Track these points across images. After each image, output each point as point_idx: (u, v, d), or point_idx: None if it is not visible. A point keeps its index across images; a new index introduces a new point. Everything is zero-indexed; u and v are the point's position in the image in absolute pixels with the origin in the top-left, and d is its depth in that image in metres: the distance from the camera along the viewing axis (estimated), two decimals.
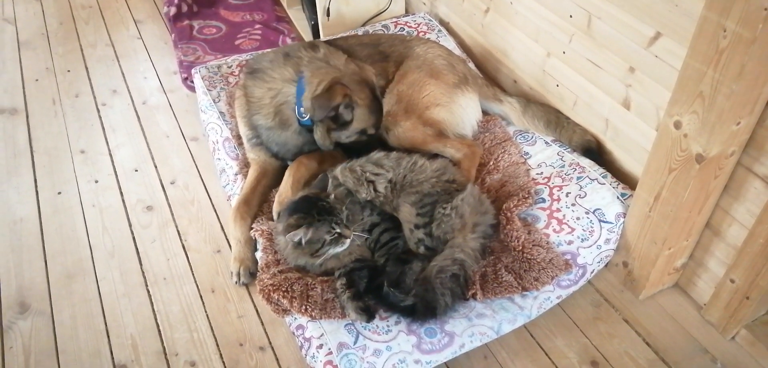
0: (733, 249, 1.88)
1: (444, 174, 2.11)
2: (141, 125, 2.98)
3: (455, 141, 2.40)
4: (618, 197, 2.12)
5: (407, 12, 3.49)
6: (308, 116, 2.17)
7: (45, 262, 2.29)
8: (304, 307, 1.87)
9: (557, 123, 2.46)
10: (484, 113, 2.61)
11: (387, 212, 2.07)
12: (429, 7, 3.36)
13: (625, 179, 2.26)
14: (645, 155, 1.95)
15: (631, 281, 2.10)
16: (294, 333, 1.93)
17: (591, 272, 2.06)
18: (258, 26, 3.67)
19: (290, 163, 2.31)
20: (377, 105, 2.24)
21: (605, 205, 2.11)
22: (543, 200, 2.18)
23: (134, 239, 2.38)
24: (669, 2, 1.86)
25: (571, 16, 2.31)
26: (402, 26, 3.18)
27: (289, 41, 3.53)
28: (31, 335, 2.05)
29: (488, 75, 2.95)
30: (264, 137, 2.33)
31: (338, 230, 1.89)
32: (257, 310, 2.10)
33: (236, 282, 2.17)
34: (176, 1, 3.73)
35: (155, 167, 2.73)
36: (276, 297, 1.92)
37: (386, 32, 3.15)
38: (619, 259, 2.11)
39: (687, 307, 2.08)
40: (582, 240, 2.05)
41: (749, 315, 1.89)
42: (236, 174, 2.43)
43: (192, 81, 2.99)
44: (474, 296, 1.92)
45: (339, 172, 2.12)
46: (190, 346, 2.00)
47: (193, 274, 2.24)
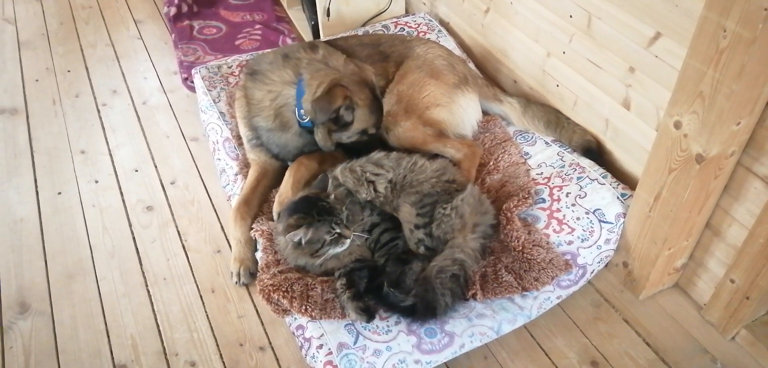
0: (733, 249, 1.88)
1: (444, 174, 2.11)
2: (141, 125, 2.98)
3: (455, 141, 2.40)
4: (618, 197, 2.12)
5: (407, 12, 3.49)
6: (308, 118, 2.17)
7: (45, 262, 2.29)
8: (304, 307, 1.87)
9: (557, 123, 2.46)
10: (484, 113, 2.61)
11: (387, 212, 2.07)
12: (429, 8, 3.36)
13: (625, 179, 2.26)
14: (645, 155, 1.95)
15: (631, 281, 2.10)
16: (294, 333, 1.93)
17: (591, 272, 2.06)
18: (258, 26, 3.67)
19: (291, 164, 2.31)
20: (377, 104, 2.23)
21: (605, 205, 2.11)
22: (543, 200, 2.18)
23: (134, 239, 2.38)
24: (669, 2, 1.86)
25: (571, 16, 2.31)
26: (402, 26, 3.18)
27: (289, 41, 3.53)
28: (31, 335, 2.05)
29: (488, 75, 2.95)
30: (264, 138, 2.33)
31: (338, 230, 1.89)
32: (257, 310, 2.10)
33: (236, 282, 2.17)
34: (176, 2, 3.73)
35: (155, 167, 2.73)
36: (276, 297, 1.92)
37: (386, 32, 3.14)
38: (619, 259, 2.11)
39: (687, 307, 2.08)
40: (582, 240, 2.05)
41: (749, 315, 1.89)
42: (236, 174, 2.43)
43: (192, 81, 2.99)
44: (474, 296, 1.92)
45: (339, 172, 2.12)
46: (190, 346, 2.00)
47: (193, 274, 2.24)
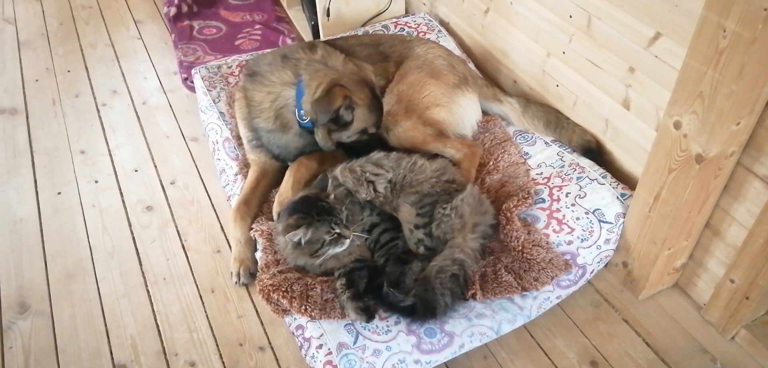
0: (733, 249, 1.88)
1: (444, 174, 2.11)
2: (141, 125, 2.98)
3: (455, 141, 2.40)
4: (618, 197, 2.12)
5: (407, 12, 3.49)
6: (309, 119, 2.17)
7: (45, 262, 2.29)
8: (304, 307, 1.87)
9: (557, 123, 2.46)
10: (484, 113, 2.61)
11: (387, 212, 2.07)
12: (429, 8, 3.36)
13: (625, 179, 2.26)
14: (645, 155, 1.95)
15: (631, 281, 2.10)
16: (294, 333, 1.93)
17: (591, 272, 2.06)
18: (258, 26, 3.67)
19: (291, 164, 2.31)
20: (377, 103, 2.23)
21: (605, 205, 2.11)
22: (543, 200, 2.18)
23: (134, 239, 2.38)
24: (669, 2, 1.86)
25: (571, 17, 2.31)
26: (402, 26, 3.18)
27: (289, 41, 3.53)
28: (31, 335, 2.05)
29: (488, 75, 2.95)
30: (265, 139, 2.33)
31: (338, 230, 1.89)
32: (257, 310, 2.10)
33: (236, 282, 2.17)
34: (176, 2, 3.73)
35: (155, 167, 2.73)
36: (276, 297, 1.92)
37: (386, 32, 3.14)
38: (619, 259, 2.11)
39: (687, 307, 2.08)
40: (582, 240, 2.05)
41: (749, 315, 1.89)
42: (236, 174, 2.43)
43: (192, 81, 2.99)
44: (474, 296, 1.92)
45: (339, 172, 2.12)
46: (190, 346, 2.00)
47: (193, 274, 2.24)
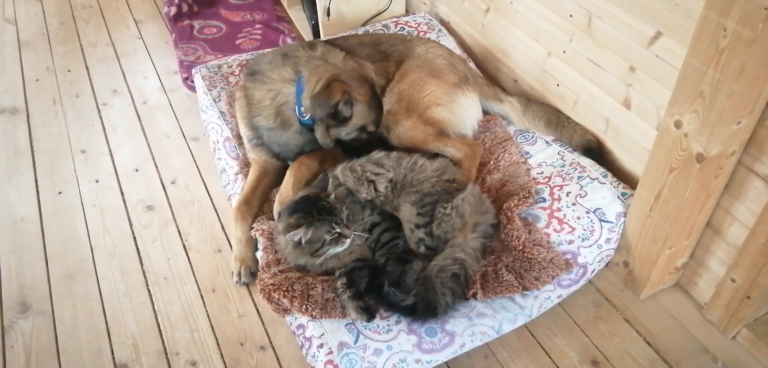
0: (734, 248, 1.88)
1: (444, 173, 2.11)
2: (141, 125, 2.98)
3: (456, 140, 2.40)
4: (618, 196, 2.12)
5: (407, 12, 3.49)
6: (309, 115, 2.17)
7: (46, 262, 2.29)
8: (305, 307, 1.87)
9: (558, 122, 2.46)
10: (485, 113, 2.61)
11: (387, 212, 2.07)
12: (429, 7, 3.36)
13: (626, 178, 2.26)
14: (645, 154, 1.95)
15: (632, 280, 2.10)
16: (294, 332, 1.93)
17: (592, 271, 2.06)
18: (258, 26, 3.67)
19: (291, 163, 2.32)
20: (377, 101, 2.23)
21: (606, 205, 2.11)
22: (543, 199, 2.18)
23: (135, 239, 2.39)
24: (669, 2, 1.86)
25: (572, 16, 2.31)
26: (402, 26, 3.18)
27: (290, 41, 3.53)
28: (32, 334, 2.05)
29: (489, 74, 2.95)
30: (265, 138, 2.33)
31: (338, 230, 1.89)
32: (258, 310, 2.10)
33: (237, 281, 2.17)
34: (177, 1, 3.73)
35: (156, 167, 2.73)
36: (276, 296, 1.92)
37: (386, 32, 3.15)
38: (620, 259, 2.11)
39: (688, 307, 2.08)
40: (582, 239, 2.05)
41: (750, 314, 1.89)
42: (237, 173, 2.44)
43: (192, 81, 2.99)
44: (474, 295, 1.92)
45: (339, 172, 2.12)
46: (191, 346, 2.01)
47: (194, 274, 2.24)
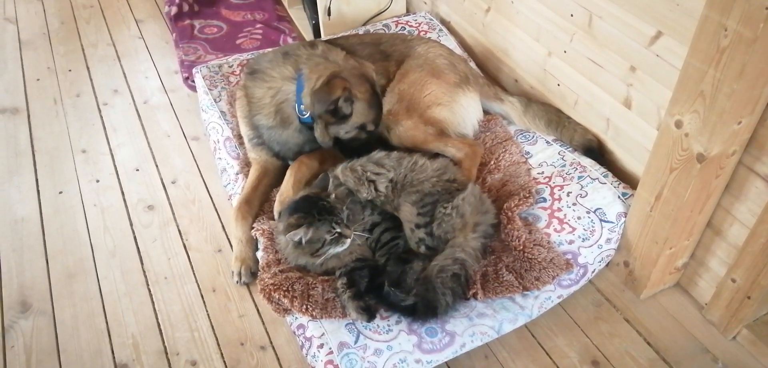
0: (735, 248, 1.87)
1: (445, 173, 2.11)
2: (142, 125, 2.99)
3: (456, 140, 2.40)
4: (619, 196, 2.12)
5: (408, 11, 3.49)
6: (308, 113, 2.17)
7: (46, 262, 2.29)
8: (305, 307, 1.87)
9: (558, 122, 2.45)
10: (485, 112, 2.61)
11: (388, 212, 2.07)
12: (430, 7, 3.36)
13: (626, 178, 2.26)
14: (646, 154, 1.95)
15: (632, 281, 2.10)
16: (295, 332, 1.93)
17: (592, 272, 2.06)
18: (259, 26, 3.67)
19: (291, 163, 2.32)
20: (377, 100, 2.24)
21: (606, 205, 2.11)
22: (544, 199, 2.18)
23: (135, 238, 2.39)
24: (670, 1, 1.86)
25: (572, 16, 2.31)
26: (403, 25, 3.18)
27: (290, 41, 3.53)
28: (33, 334, 2.05)
29: (489, 74, 2.95)
30: (266, 137, 2.33)
31: (338, 230, 1.89)
32: (258, 309, 2.10)
33: (237, 281, 2.17)
34: (177, 1, 3.73)
35: (156, 166, 2.73)
36: (277, 296, 1.92)
37: (387, 32, 3.15)
38: (620, 259, 2.11)
39: (688, 307, 2.07)
40: (583, 239, 2.05)
41: (750, 314, 1.89)
42: (237, 173, 2.44)
43: (193, 80, 2.99)
44: (475, 295, 1.92)
45: (340, 172, 2.12)
46: (191, 346, 2.01)
47: (194, 274, 2.24)
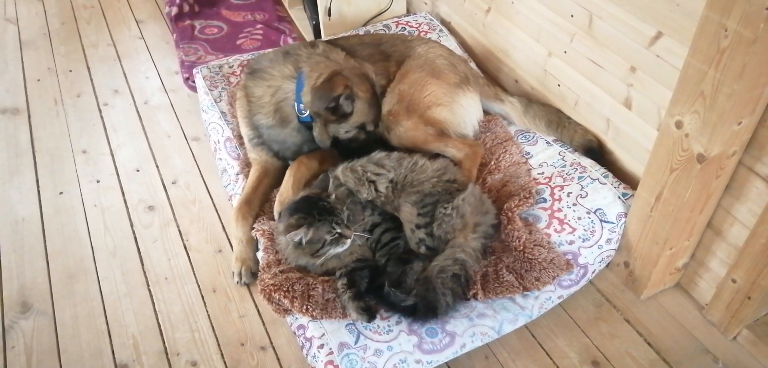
0: (735, 249, 1.87)
1: (445, 174, 2.11)
2: (142, 125, 2.99)
3: (456, 141, 2.40)
4: (619, 197, 2.12)
5: (408, 12, 3.49)
6: (307, 112, 2.17)
7: (47, 262, 2.30)
8: (305, 307, 1.87)
9: (558, 123, 2.45)
10: (486, 113, 2.61)
11: (388, 212, 2.07)
12: (430, 7, 3.36)
13: (627, 179, 2.26)
14: (646, 155, 1.95)
15: (633, 281, 2.10)
16: (295, 332, 1.93)
17: (592, 272, 2.06)
18: (259, 26, 3.67)
19: (291, 163, 2.32)
20: (376, 100, 2.25)
21: (606, 205, 2.11)
22: (544, 200, 2.18)
23: (136, 239, 2.39)
24: (670, 2, 1.86)
25: (573, 16, 2.31)
26: (403, 26, 3.18)
27: (291, 41, 3.53)
28: (33, 335, 2.05)
29: (489, 75, 2.95)
30: (265, 136, 2.33)
31: (339, 230, 1.89)
32: (258, 310, 2.10)
33: (238, 281, 2.17)
34: (178, 1, 3.73)
35: (157, 167, 2.74)
36: (277, 297, 1.92)
37: (387, 32, 3.15)
38: (621, 259, 2.11)
39: (688, 307, 2.07)
40: (583, 240, 2.05)
41: (751, 315, 1.89)
42: (238, 174, 2.44)
43: (193, 81, 2.99)
44: (475, 296, 1.92)
45: (340, 172, 2.12)
46: (192, 346, 2.01)
47: (195, 274, 2.24)
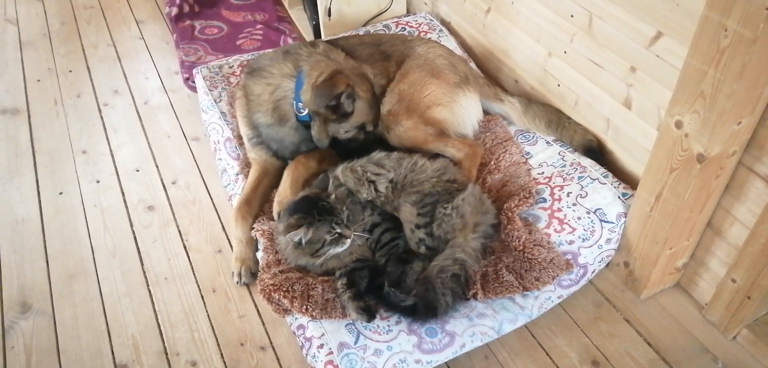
0: (735, 248, 1.87)
1: (445, 173, 2.11)
2: (142, 125, 2.99)
3: (456, 140, 2.40)
4: (619, 197, 2.12)
5: (408, 12, 3.49)
6: (306, 111, 2.17)
7: (46, 262, 2.30)
8: (305, 307, 1.87)
9: (558, 122, 2.45)
10: (485, 113, 2.61)
11: (388, 212, 2.07)
12: (430, 7, 3.36)
13: (627, 179, 2.26)
14: (646, 155, 1.95)
15: (633, 281, 2.10)
16: (295, 332, 1.93)
17: (592, 272, 2.06)
18: (259, 26, 3.67)
19: (289, 163, 2.32)
20: (375, 101, 2.25)
21: (606, 205, 2.11)
22: (544, 200, 2.18)
23: (135, 239, 2.39)
24: (670, 2, 1.86)
25: (573, 16, 2.31)
26: (403, 26, 3.18)
27: (291, 41, 3.53)
28: (33, 335, 2.05)
29: (489, 75, 2.95)
30: (264, 135, 2.33)
31: (338, 230, 1.89)
32: (258, 310, 2.10)
33: (237, 281, 2.17)
34: (178, 1, 3.73)
35: (157, 167, 2.74)
36: (277, 297, 1.92)
37: (387, 32, 3.15)
38: (621, 259, 2.11)
39: (688, 307, 2.07)
40: (583, 239, 2.05)
41: (750, 314, 1.89)
42: (237, 174, 2.44)
43: (193, 81, 2.99)
44: (475, 296, 1.92)
45: (340, 172, 2.12)
46: (191, 346, 2.01)
47: (194, 274, 2.24)
